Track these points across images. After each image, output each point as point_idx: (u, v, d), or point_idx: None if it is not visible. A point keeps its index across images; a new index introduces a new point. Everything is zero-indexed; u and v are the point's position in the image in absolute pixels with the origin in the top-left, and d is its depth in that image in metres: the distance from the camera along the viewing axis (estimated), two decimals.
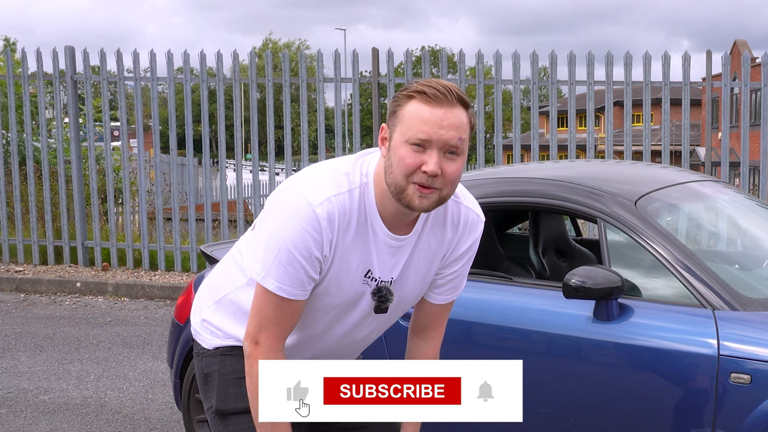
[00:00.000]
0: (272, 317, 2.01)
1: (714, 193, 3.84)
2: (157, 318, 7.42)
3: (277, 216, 1.98)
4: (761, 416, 2.78)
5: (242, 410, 2.13)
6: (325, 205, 1.95)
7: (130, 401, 5.06)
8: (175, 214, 9.19)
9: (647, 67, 8.03)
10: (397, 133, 1.92)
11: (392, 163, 1.93)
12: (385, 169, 1.96)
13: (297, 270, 1.97)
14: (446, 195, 1.96)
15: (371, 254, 2.05)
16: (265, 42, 61.01)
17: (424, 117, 1.88)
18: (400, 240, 2.07)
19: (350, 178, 2.01)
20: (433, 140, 1.89)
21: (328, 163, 2.06)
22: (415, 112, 1.89)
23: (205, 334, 2.28)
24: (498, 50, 8.26)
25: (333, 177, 2.00)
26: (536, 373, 3.16)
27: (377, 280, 2.09)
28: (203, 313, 2.32)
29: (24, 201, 9.92)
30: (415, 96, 1.90)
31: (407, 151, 1.90)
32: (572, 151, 8.36)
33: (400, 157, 1.91)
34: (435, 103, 1.89)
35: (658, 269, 3.19)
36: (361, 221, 2.01)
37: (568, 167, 3.98)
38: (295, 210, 1.95)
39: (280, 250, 1.96)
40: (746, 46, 25.93)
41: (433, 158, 1.89)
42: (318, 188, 1.96)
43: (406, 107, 1.91)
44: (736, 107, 20.53)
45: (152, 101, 8.95)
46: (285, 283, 1.98)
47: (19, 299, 8.26)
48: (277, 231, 1.97)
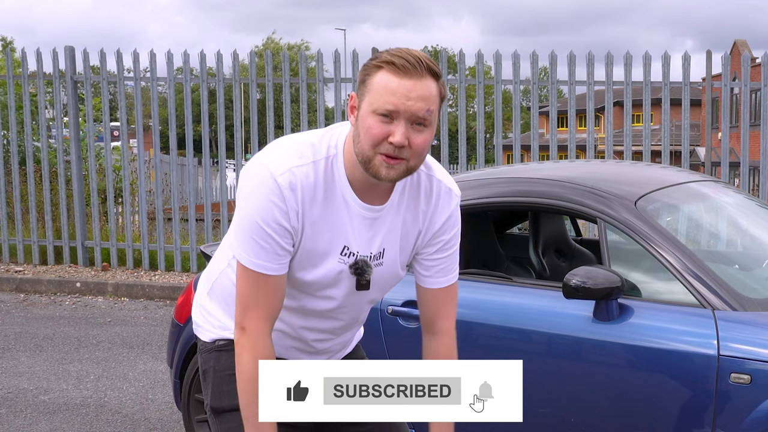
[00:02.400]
0: (254, 298, 2.00)
1: (714, 193, 3.84)
2: (157, 318, 7.42)
3: (243, 191, 1.99)
4: (761, 416, 2.78)
5: (236, 408, 2.12)
6: (286, 176, 1.94)
7: (130, 401, 5.06)
8: (175, 214, 9.19)
9: (647, 67, 8.03)
10: (365, 103, 1.90)
11: (360, 132, 1.92)
12: (353, 138, 1.96)
13: (268, 242, 1.96)
14: (414, 166, 1.95)
15: (346, 228, 2.03)
16: (266, 42, 61.00)
17: (392, 88, 1.87)
18: (376, 211, 2.05)
19: (315, 149, 2.00)
20: (401, 111, 1.87)
21: (295, 136, 2.06)
22: (383, 83, 1.87)
23: (203, 323, 2.29)
24: (498, 50, 8.26)
25: (297, 148, 1.99)
26: (536, 373, 3.16)
27: (355, 255, 2.07)
28: (199, 299, 2.34)
29: (24, 201, 9.92)
30: (383, 66, 1.88)
31: (374, 122, 1.88)
32: (572, 151, 8.36)
33: (367, 127, 1.89)
34: (404, 74, 1.87)
35: (658, 269, 3.19)
36: (330, 193, 2.00)
37: (568, 167, 3.98)
38: (258, 182, 1.95)
39: (249, 224, 1.96)
40: (746, 46, 25.92)
41: (400, 129, 1.88)
42: (280, 159, 1.96)
43: (375, 77, 1.89)
44: (736, 107, 20.53)
45: (152, 101, 8.95)
46: (260, 258, 1.97)
47: (19, 299, 8.26)
48: (245, 206, 1.98)
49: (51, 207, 9.42)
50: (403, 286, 3.50)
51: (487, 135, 40.69)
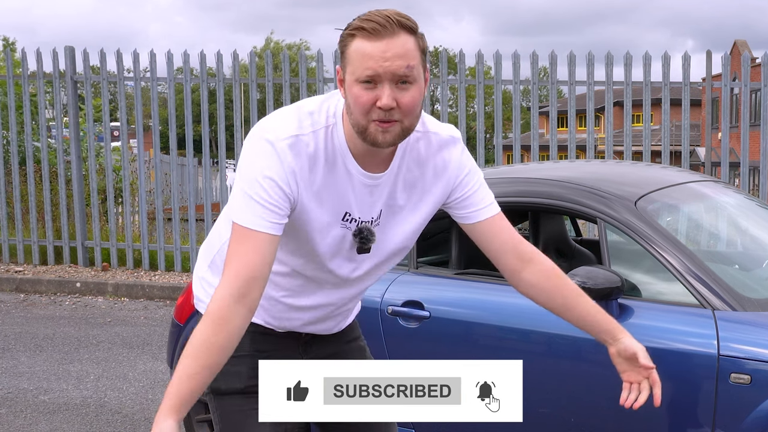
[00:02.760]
0: (233, 254, 1.93)
1: (714, 193, 3.84)
2: (157, 318, 7.42)
3: (244, 156, 1.98)
4: (761, 416, 2.78)
5: (236, 391, 2.11)
6: (287, 141, 1.94)
7: (130, 401, 5.06)
8: (175, 214, 9.19)
9: (647, 67, 8.03)
10: (348, 74, 1.90)
11: (350, 104, 1.92)
12: (346, 110, 1.96)
13: (264, 199, 1.93)
14: (409, 125, 1.93)
15: (348, 196, 2.02)
16: (267, 42, 61.02)
17: (367, 53, 1.86)
18: (376, 178, 2.04)
19: (314, 118, 1.99)
20: (381, 74, 1.86)
21: (294, 105, 2.05)
22: (359, 50, 1.87)
23: (204, 297, 2.24)
24: (498, 50, 8.26)
25: (297, 117, 1.98)
26: (536, 373, 3.16)
27: (357, 221, 2.06)
28: (200, 272, 2.30)
29: (24, 201, 9.92)
30: (356, 33, 1.88)
31: (360, 90, 1.88)
32: (572, 152, 8.36)
33: (355, 97, 1.89)
34: (375, 37, 1.85)
35: (658, 269, 3.19)
36: (330, 161, 1.99)
37: (568, 167, 3.98)
38: (259, 148, 1.94)
39: (249, 184, 1.94)
40: (746, 46, 25.93)
41: (385, 91, 1.86)
42: (281, 127, 1.96)
43: (351, 46, 1.89)
44: (736, 107, 20.54)
45: (152, 101, 8.96)
46: (255, 214, 1.93)
47: (19, 299, 8.26)
48: (245, 168, 1.96)
49: (51, 207, 9.43)
50: (404, 287, 3.51)
51: (487, 135, 40.67)
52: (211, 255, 2.25)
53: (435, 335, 3.37)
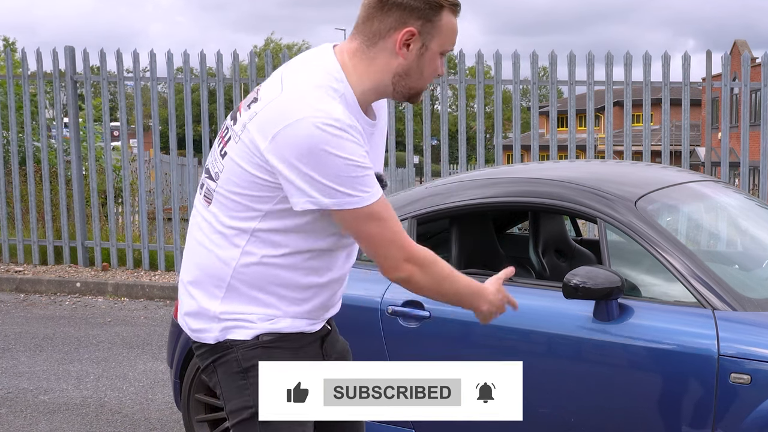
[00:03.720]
0: (391, 228, 1.98)
1: (714, 193, 3.84)
2: (157, 318, 7.42)
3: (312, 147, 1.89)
4: (761, 416, 2.78)
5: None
6: (339, 110, 1.92)
7: (130, 401, 5.06)
8: (175, 214, 9.19)
9: (647, 67, 8.03)
10: (434, 44, 1.98)
11: (423, 70, 2.01)
12: (406, 72, 2.01)
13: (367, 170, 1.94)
14: None
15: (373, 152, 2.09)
16: (267, 42, 61.00)
17: (455, 30, 2.01)
18: (373, 125, 2.10)
19: (331, 86, 1.97)
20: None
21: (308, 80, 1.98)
22: (451, 24, 1.99)
23: (230, 324, 2.08)
24: (498, 50, 8.26)
25: (323, 90, 1.95)
26: (536, 373, 3.16)
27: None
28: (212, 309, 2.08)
29: (24, 201, 9.92)
30: (446, 6, 1.97)
31: (441, 62, 2.03)
32: (572, 151, 8.36)
33: (435, 67, 2.02)
34: (457, 14, 2.01)
35: (657, 269, 3.19)
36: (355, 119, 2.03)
37: (568, 167, 3.98)
38: (328, 134, 1.88)
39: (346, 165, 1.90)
40: (746, 46, 25.92)
41: (444, 64, 2.04)
42: (325, 105, 1.91)
43: (442, 18, 1.97)
44: (736, 107, 20.52)
45: (152, 101, 8.96)
46: (370, 187, 1.94)
47: (19, 299, 8.26)
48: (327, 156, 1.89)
49: (51, 207, 9.42)
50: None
51: (487, 135, 40.65)
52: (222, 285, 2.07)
53: (435, 335, 3.37)
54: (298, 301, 2.10)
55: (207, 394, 3.87)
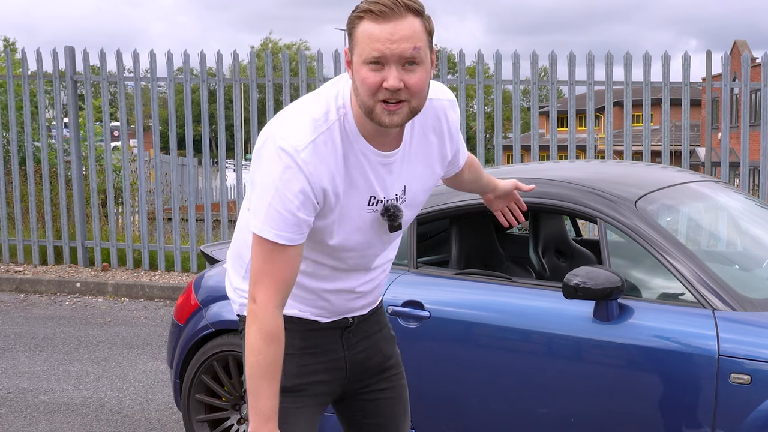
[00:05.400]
0: (269, 269, 1.99)
1: (714, 193, 3.84)
2: (157, 318, 7.42)
3: (264, 168, 1.98)
4: (761, 416, 2.78)
5: (283, 389, 2.11)
6: (309, 149, 1.95)
7: (130, 401, 5.06)
8: (175, 214, 9.19)
9: (647, 67, 8.03)
10: (355, 56, 1.93)
11: (357, 85, 1.95)
12: (353, 91, 1.98)
13: (290, 212, 1.96)
14: (416, 106, 1.97)
15: (370, 179, 2.05)
16: (265, 42, 60.99)
17: (374, 35, 1.89)
18: (391, 156, 2.07)
19: (327, 114, 2.00)
20: (387, 56, 1.89)
21: (302, 104, 2.05)
22: (366, 32, 1.90)
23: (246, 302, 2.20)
24: (498, 50, 8.26)
25: (311, 119, 1.99)
26: (536, 373, 3.16)
27: (383, 201, 2.10)
28: (235, 284, 2.29)
29: (24, 201, 9.92)
30: (363, 16, 1.91)
31: (367, 71, 1.91)
32: (572, 151, 8.36)
33: (362, 79, 1.92)
34: (383, 19, 1.89)
35: (657, 269, 3.19)
36: (348, 151, 2.01)
37: (568, 167, 3.98)
38: (279, 159, 1.95)
39: (273, 197, 1.96)
40: (746, 46, 25.92)
41: (392, 73, 1.90)
42: (298, 135, 1.97)
43: (359, 28, 1.92)
44: (736, 107, 20.53)
45: (152, 101, 8.95)
46: (280, 228, 1.96)
47: (19, 299, 8.26)
48: (267, 181, 1.97)
49: (51, 207, 9.42)
50: (404, 287, 3.51)
51: (487, 135, 40.69)
52: (243, 264, 2.25)
53: (435, 335, 3.37)
54: (301, 299, 2.20)
55: (207, 394, 3.88)
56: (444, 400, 3.38)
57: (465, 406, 3.34)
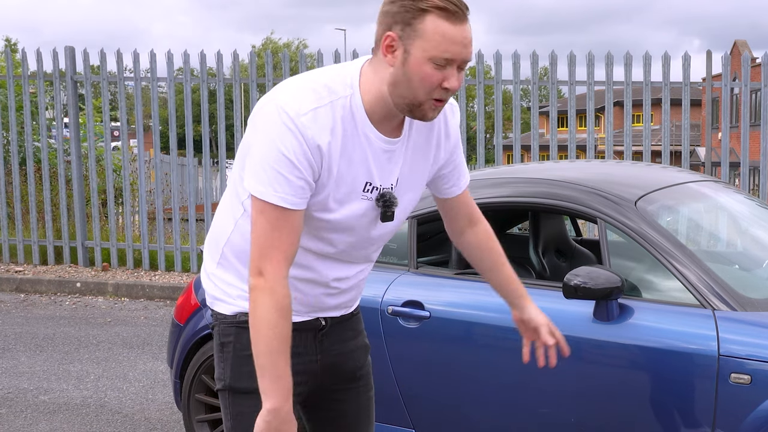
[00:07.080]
0: (276, 239, 1.95)
1: (714, 193, 3.84)
2: (157, 318, 7.42)
3: (263, 131, 1.96)
4: (761, 416, 2.78)
5: (253, 390, 2.08)
6: (309, 115, 1.93)
7: (130, 401, 5.06)
8: (175, 214, 9.20)
9: (647, 67, 8.03)
10: (417, 49, 1.90)
11: (411, 78, 1.92)
12: (395, 81, 1.95)
13: (292, 173, 1.93)
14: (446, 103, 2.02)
15: (369, 163, 2.04)
16: (266, 43, 61.00)
17: (449, 35, 1.88)
18: (394, 143, 2.06)
19: (331, 89, 1.98)
20: (457, 59, 1.91)
21: (308, 76, 2.04)
22: (438, 30, 1.88)
23: (220, 295, 2.20)
24: (498, 50, 8.27)
25: (313, 89, 1.97)
26: (536, 373, 3.16)
27: (378, 189, 2.08)
28: (209, 269, 2.24)
29: (24, 201, 9.92)
30: (432, 10, 1.88)
31: (431, 69, 1.90)
32: (572, 151, 8.36)
33: (424, 75, 1.91)
34: (456, 20, 1.89)
35: (658, 269, 3.19)
36: (350, 132, 1.99)
37: (568, 167, 3.98)
38: (280, 123, 1.93)
39: (273, 155, 1.93)
40: (746, 46, 25.92)
41: (454, 75, 1.92)
42: (300, 101, 1.94)
43: (426, 22, 1.89)
44: (736, 107, 20.53)
45: (152, 101, 8.96)
46: (285, 191, 1.94)
47: (19, 299, 8.26)
48: (268, 144, 1.94)
49: (51, 207, 9.42)
50: (404, 287, 3.51)
51: (487, 135, 40.68)
52: (218, 250, 2.21)
53: (435, 335, 3.37)
54: None
55: (207, 394, 3.88)
56: (444, 400, 3.38)
57: (465, 406, 3.34)
